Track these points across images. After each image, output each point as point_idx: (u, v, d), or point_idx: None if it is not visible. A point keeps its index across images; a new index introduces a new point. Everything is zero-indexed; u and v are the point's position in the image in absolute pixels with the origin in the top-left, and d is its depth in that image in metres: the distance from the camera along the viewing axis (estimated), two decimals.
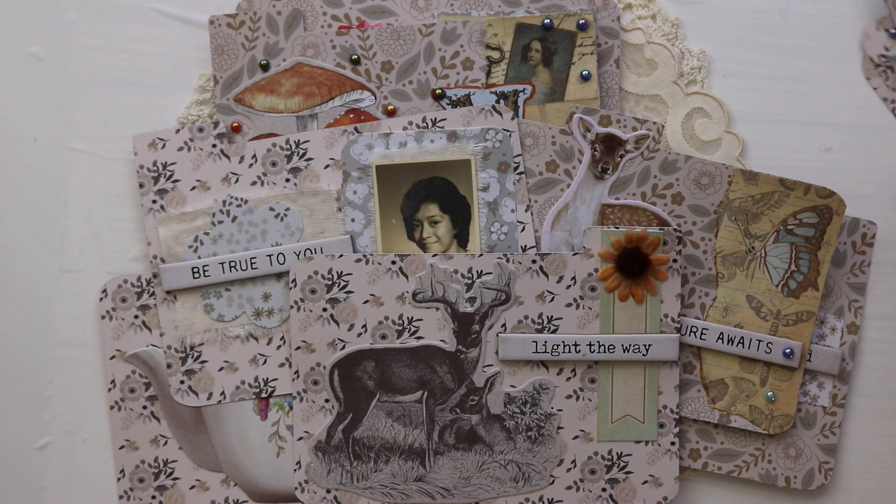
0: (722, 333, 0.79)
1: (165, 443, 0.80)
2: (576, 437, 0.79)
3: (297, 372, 0.78)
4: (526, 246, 0.79)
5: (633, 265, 0.78)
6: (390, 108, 0.80)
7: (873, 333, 0.81)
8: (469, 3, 0.80)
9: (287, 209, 0.79)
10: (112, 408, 0.80)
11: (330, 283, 0.78)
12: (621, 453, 0.79)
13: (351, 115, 0.80)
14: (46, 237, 0.81)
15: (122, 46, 0.81)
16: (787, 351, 0.78)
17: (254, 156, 0.79)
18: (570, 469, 0.79)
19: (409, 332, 0.78)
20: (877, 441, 0.81)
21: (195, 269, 0.79)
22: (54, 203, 0.81)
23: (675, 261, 0.78)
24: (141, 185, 0.79)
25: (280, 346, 0.79)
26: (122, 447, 0.80)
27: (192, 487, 0.80)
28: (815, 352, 0.79)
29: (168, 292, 0.79)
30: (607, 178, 0.79)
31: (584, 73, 0.80)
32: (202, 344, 0.79)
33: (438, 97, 0.80)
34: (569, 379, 0.78)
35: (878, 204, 0.81)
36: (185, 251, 0.79)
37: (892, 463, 0.81)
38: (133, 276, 0.80)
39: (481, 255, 0.78)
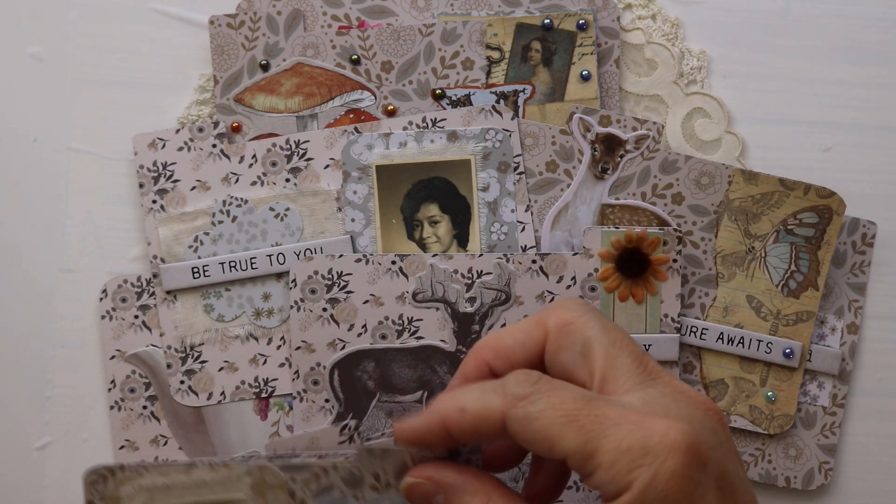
0: (722, 333, 0.79)
1: (165, 443, 0.80)
2: None
3: (297, 372, 0.78)
4: (526, 246, 0.79)
5: (634, 265, 0.78)
6: (390, 108, 0.80)
7: (873, 333, 0.81)
8: (469, 3, 0.80)
9: (287, 209, 0.79)
10: (112, 408, 0.80)
11: (330, 283, 0.78)
12: None
13: (351, 115, 0.80)
14: (46, 237, 0.81)
15: (122, 46, 0.81)
16: (787, 351, 0.78)
17: (254, 156, 0.79)
18: None
19: (409, 332, 0.78)
20: (877, 441, 0.81)
21: (195, 269, 0.79)
22: (54, 203, 0.81)
23: (675, 261, 0.78)
24: (141, 185, 0.79)
25: (280, 346, 0.79)
26: (122, 447, 0.80)
27: None
28: (815, 352, 0.79)
29: (168, 292, 0.79)
30: (607, 178, 0.79)
31: (584, 73, 0.80)
32: (202, 344, 0.79)
33: (438, 97, 0.80)
34: None
35: (878, 204, 0.81)
36: (185, 251, 0.79)
37: (892, 463, 0.81)
38: (133, 276, 0.80)
39: (481, 255, 0.78)
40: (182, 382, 0.79)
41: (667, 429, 0.54)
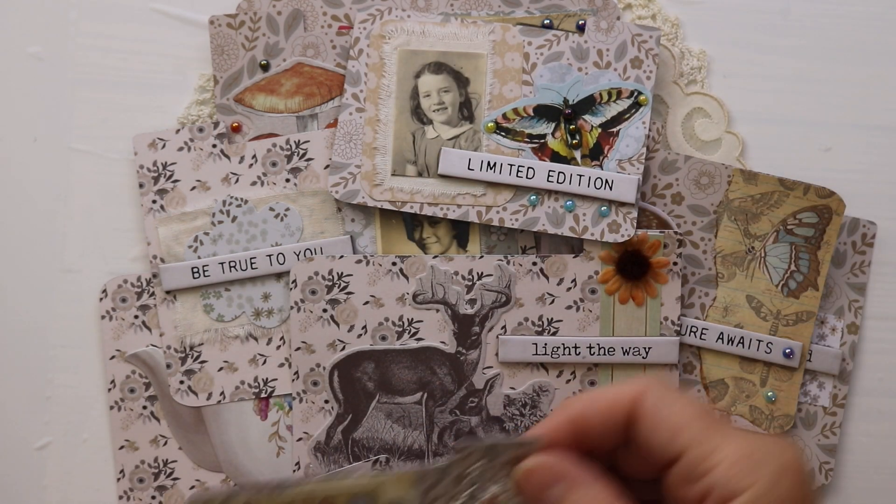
0: (722, 333, 0.79)
1: (165, 443, 0.80)
2: None
3: (296, 373, 0.78)
4: (526, 247, 0.79)
5: (634, 268, 0.78)
6: None
7: (873, 333, 0.81)
8: (469, 3, 0.80)
9: (287, 209, 0.79)
10: (112, 408, 0.80)
11: (330, 283, 0.78)
12: None
13: None
14: (46, 237, 0.81)
15: (122, 46, 0.81)
16: (787, 351, 0.78)
17: (254, 156, 0.79)
18: None
19: (409, 333, 0.78)
20: (877, 441, 0.81)
21: (195, 269, 0.79)
22: (54, 203, 0.81)
23: (675, 263, 0.78)
24: (141, 185, 0.79)
25: (280, 346, 0.79)
26: (122, 447, 0.80)
27: (192, 487, 0.80)
28: (815, 352, 0.79)
29: (168, 292, 0.79)
30: None
31: None
32: (202, 344, 0.79)
33: None
34: (568, 381, 0.79)
35: (878, 204, 0.81)
36: (185, 251, 0.79)
37: (893, 463, 0.81)
38: (133, 276, 0.80)
39: (482, 256, 0.78)
40: (182, 382, 0.79)
41: (783, 447, 0.56)
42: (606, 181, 0.77)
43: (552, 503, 0.61)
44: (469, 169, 0.78)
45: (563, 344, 0.78)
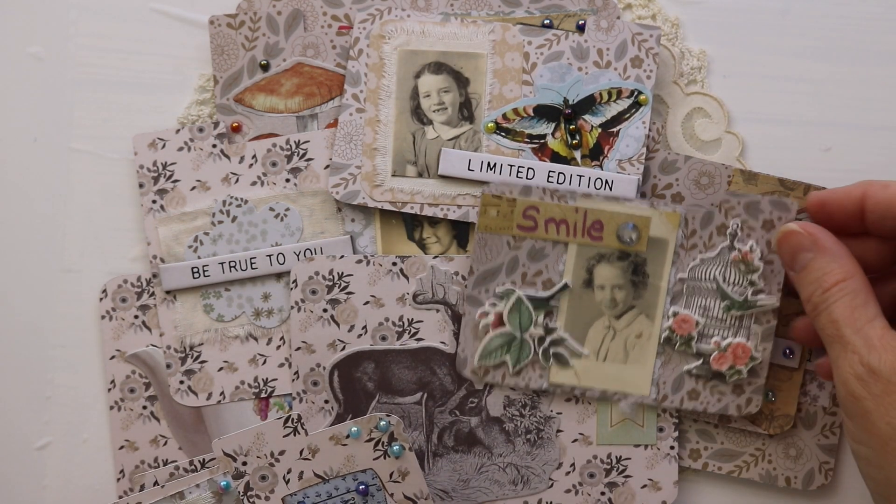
0: None
1: (165, 443, 0.80)
2: (575, 440, 0.79)
3: (296, 373, 0.78)
4: None
5: None
6: None
7: None
8: (469, 3, 0.80)
9: (287, 209, 0.79)
10: (112, 408, 0.80)
11: (330, 283, 0.78)
12: (620, 457, 0.79)
13: None
14: (46, 237, 0.81)
15: (122, 46, 0.81)
16: (787, 351, 0.78)
17: (254, 156, 0.79)
18: (569, 472, 0.79)
19: (409, 333, 0.78)
20: None
21: (195, 269, 0.79)
22: (54, 203, 0.81)
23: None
24: (141, 185, 0.79)
25: (280, 346, 0.79)
26: (121, 447, 0.80)
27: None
28: (816, 352, 0.79)
29: (168, 292, 0.79)
30: None
31: None
32: (202, 344, 0.79)
33: None
34: None
35: None
36: (184, 251, 0.79)
37: None
38: (133, 276, 0.80)
39: None
40: (182, 382, 0.79)
41: None
42: (606, 181, 0.77)
43: (800, 265, 0.70)
44: (469, 169, 0.78)
45: None
